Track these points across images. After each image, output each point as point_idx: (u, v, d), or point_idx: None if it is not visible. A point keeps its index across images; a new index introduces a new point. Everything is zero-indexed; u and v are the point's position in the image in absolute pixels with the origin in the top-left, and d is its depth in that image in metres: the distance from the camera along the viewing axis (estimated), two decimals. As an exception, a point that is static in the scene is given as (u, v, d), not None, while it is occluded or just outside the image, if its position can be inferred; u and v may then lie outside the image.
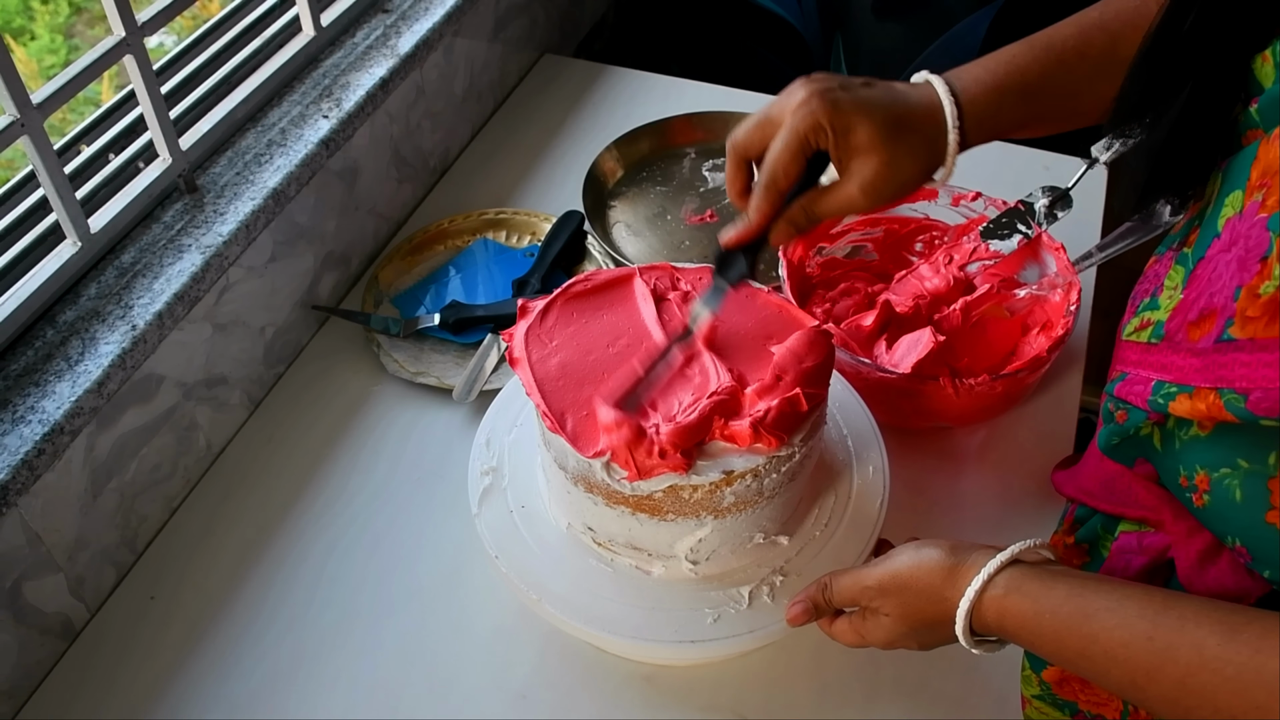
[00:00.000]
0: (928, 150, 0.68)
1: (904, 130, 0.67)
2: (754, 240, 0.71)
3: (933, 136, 0.68)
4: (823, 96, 0.66)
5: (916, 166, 0.68)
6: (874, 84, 0.69)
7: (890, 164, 0.67)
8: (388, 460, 1.00)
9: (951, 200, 1.08)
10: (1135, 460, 0.64)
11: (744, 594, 0.75)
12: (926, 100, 0.69)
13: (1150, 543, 0.65)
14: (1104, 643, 0.54)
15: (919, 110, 0.68)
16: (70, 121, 1.89)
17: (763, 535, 0.76)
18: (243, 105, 1.02)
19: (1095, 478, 0.71)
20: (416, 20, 1.17)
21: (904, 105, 0.68)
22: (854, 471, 0.83)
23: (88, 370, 0.82)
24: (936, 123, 0.68)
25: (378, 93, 1.09)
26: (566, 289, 0.79)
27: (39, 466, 0.77)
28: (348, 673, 0.85)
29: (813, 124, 0.66)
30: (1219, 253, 0.54)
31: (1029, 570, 0.59)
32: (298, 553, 0.93)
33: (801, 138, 0.67)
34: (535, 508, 0.81)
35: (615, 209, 1.23)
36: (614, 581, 0.77)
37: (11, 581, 0.80)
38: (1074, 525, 0.75)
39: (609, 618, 0.75)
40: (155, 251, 0.91)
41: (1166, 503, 0.64)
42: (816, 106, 0.66)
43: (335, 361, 1.09)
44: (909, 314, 1.00)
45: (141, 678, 0.85)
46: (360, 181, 1.14)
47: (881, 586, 0.64)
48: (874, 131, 0.66)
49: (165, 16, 0.91)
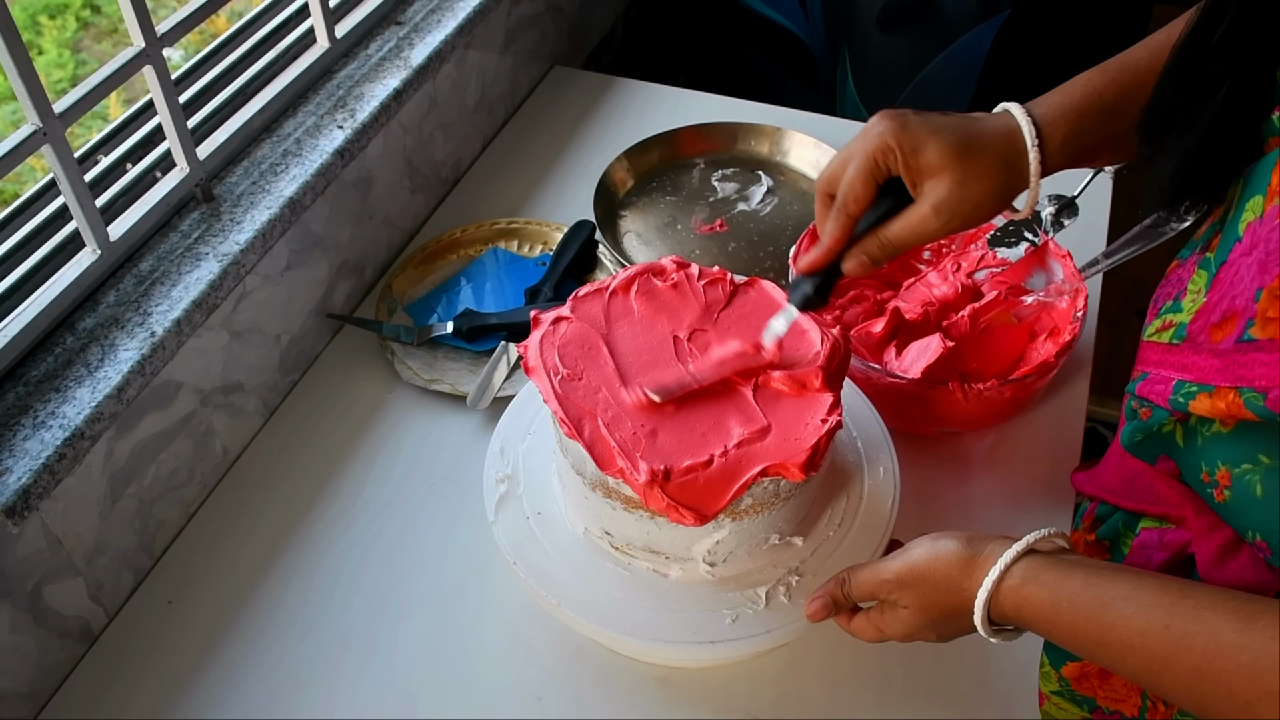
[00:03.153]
0: (1004, 173, 0.68)
1: (975, 150, 0.67)
2: (826, 267, 0.72)
3: (1009, 159, 0.68)
4: (893, 119, 0.67)
5: (990, 187, 0.68)
6: (949, 114, 0.69)
7: (962, 183, 0.67)
8: (402, 466, 1.01)
9: (959, 208, 1.09)
10: (1157, 457, 0.65)
11: (761, 594, 0.76)
12: (1002, 124, 0.69)
13: (1171, 539, 0.66)
14: (1120, 631, 0.55)
15: (992, 132, 0.68)
16: (80, 136, 1.90)
17: (778, 536, 0.77)
18: (259, 116, 1.03)
19: (1116, 476, 0.72)
20: (429, 33, 1.19)
21: (976, 127, 0.68)
22: (865, 474, 0.84)
23: (107, 376, 0.83)
24: (1013, 145, 0.68)
25: (391, 104, 1.10)
26: (578, 295, 0.80)
27: (60, 471, 0.78)
28: (365, 675, 0.85)
29: (881, 145, 0.67)
30: (1240, 256, 0.55)
31: (1045, 560, 0.60)
32: (314, 558, 0.93)
33: (871, 159, 0.68)
34: (551, 513, 0.82)
35: (626, 218, 1.24)
36: (632, 585, 0.77)
37: (33, 585, 0.81)
38: (1095, 523, 0.75)
39: (628, 621, 0.75)
40: (173, 259, 0.92)
41: (1188, 499, 0.64)
42: (885, 129, 0.67)
43: (350, 369, 1.10)
44: (918, 321, 1.01)
45: (159, 681, 0.86)
46: (374, 191, 1.15)
47: (900, 579, 0.65)
48: (943, 150, 0.66)
49: (184, 28, 0.93)
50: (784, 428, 0.72)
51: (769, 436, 0.71)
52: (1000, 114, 0.70)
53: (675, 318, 0.79)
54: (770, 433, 0.71)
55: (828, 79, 1.69)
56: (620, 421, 0.72)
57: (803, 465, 0.69)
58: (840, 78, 1.67)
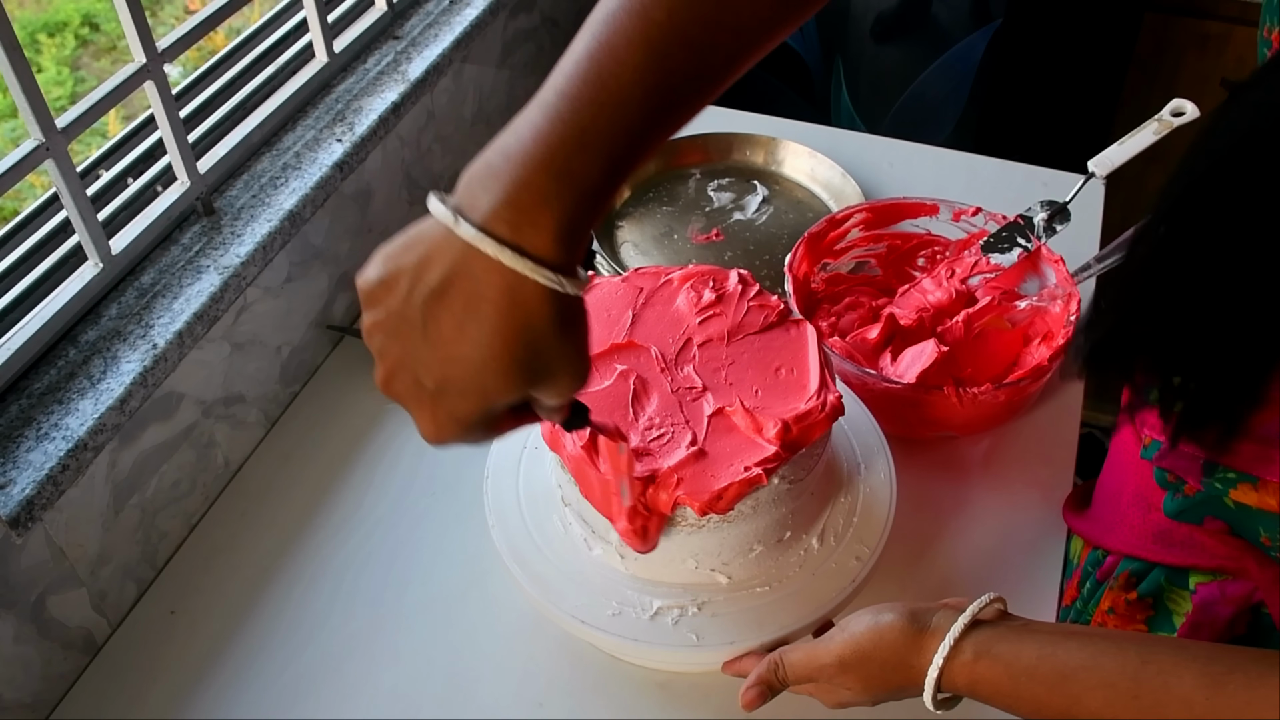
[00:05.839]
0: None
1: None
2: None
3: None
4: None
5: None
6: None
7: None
8: (403, 475, 1.01)
9: (953, 216, 1.10)
10: (1204, 518, 0.63)
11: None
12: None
13: (1234, 592, 0.64)
14: (1087, 704, 0.53)
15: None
16: (81, 153, 1.92)
17: (761, 547, 0.78)
18: (258, 130, 1.04)
19: (1142, 532, 0.70)
20: (426, 46, 1.20)
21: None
22: (862, 478, 0.84)
23: (110, 388, 0.84)
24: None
25: (389, 117, 1.12)
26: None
27: (63, 482, 0.79)
28: (367, 683, 0.86)
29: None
30: None
31: (994, 631, 0.58)
32: (315, 567, 0.94)
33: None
34: (550, 520, 0.83)
35: (623, 229, 1.25)
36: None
37: (36, 595, 0.82)
38: (1131, 580, 0.73)
39: (629, 626, 0.76)
40: (174, 272, 0.93)
41: (1248, 551, 0.62)
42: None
43: (350, 380, 1.11)
44: (912, 327, 1.02)
45: (162, 691, 0.86)
46: (373, 204, 1.16)
47: (842, 662, 0.63)
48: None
49: (184, 44, 0.94)
50: (717, 460, 0.72)
51: (700, 462, 0.71)
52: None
53: (681, 326, 0.80)
54: (704, 459, 0.72)
55: (822, 89, 1.70)
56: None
57: (703, 505, 0.69)
58: (835, 88, 1.68)
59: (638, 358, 0.78)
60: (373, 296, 0.51)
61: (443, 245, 0.48)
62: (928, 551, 0.92)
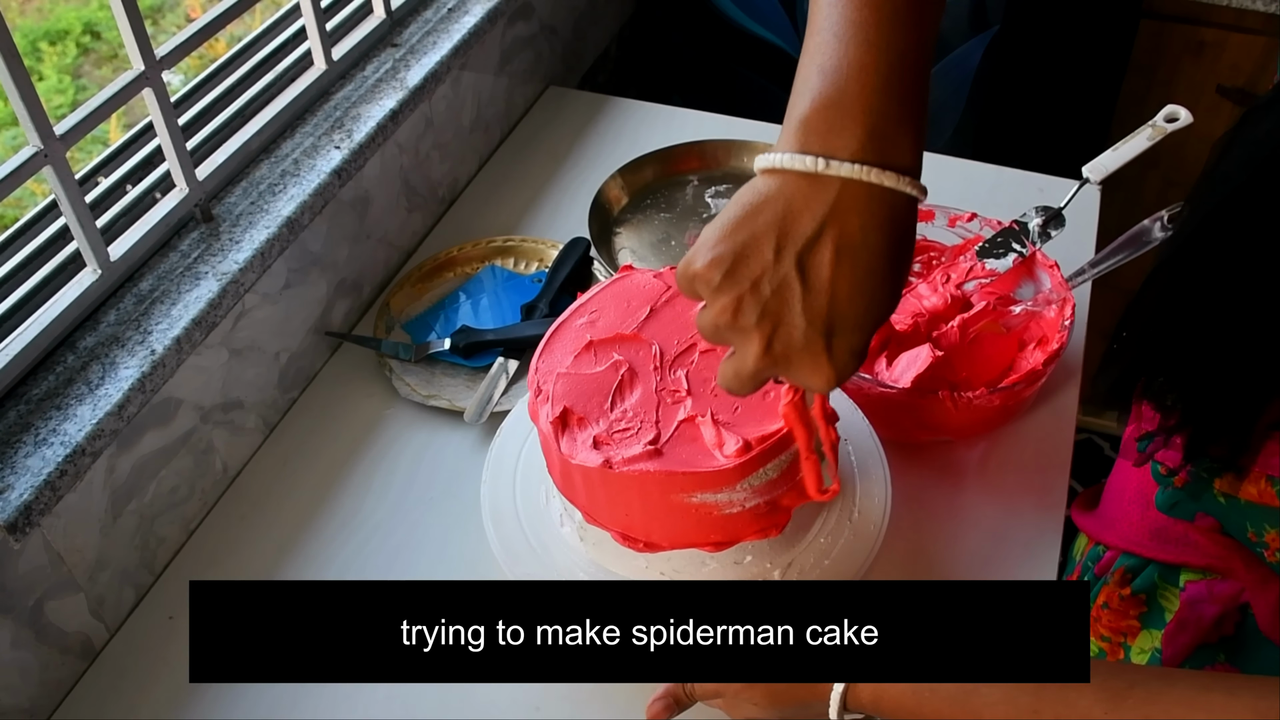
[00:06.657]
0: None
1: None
2: None
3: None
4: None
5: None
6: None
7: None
8: (401, 481, 1.02)
9: (948, 221, 1.10)
10: (1195, 515, 0.64)
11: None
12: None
13: (1221, 591, 0.64)
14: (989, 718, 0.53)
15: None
16: (80, 161, 1.92)
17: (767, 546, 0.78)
18: (257, 137, 1.05)
19: (1140, 528, 0.70)
20: (425, 54, 1.20)
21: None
22: (858, 482, 0.85)
23: (108, 394, 0.84)
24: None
25: (387, 124, 1.12)
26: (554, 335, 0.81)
27: (61, 487, 0.79)
28: (364, 688, 0.86)
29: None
30: None
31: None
32: (313, 573, 0.94)
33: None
34: (548, 526, 0.83)
35: (621, 235, 1.25)
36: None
37: (34, 601, 0.82)
38: (1126, 576, 0.74)
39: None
40: (173, 279, 0.93)
41: (1235, 551, 0.63)
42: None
43: (348, 386, 1.11)
44: (908, 332, 1.03)
45: (161, 696, 0.86)
46: (371, 210, 1.17)
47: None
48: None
49: (183, 51, 0.94)
50: (669, 464, 0.71)
51: (652, 461, 0.71)
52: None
53: (692, 330, 0.80)
54: (657, 459, 0.71)
55: (820, 96, 1.70)
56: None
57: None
58: (832, 95, 1.69)
59: (637, 351, 0.78)
60: (728, 275, 0.52)
61: (807, 194, 0.51)
62: (923, 555, 0.93)
